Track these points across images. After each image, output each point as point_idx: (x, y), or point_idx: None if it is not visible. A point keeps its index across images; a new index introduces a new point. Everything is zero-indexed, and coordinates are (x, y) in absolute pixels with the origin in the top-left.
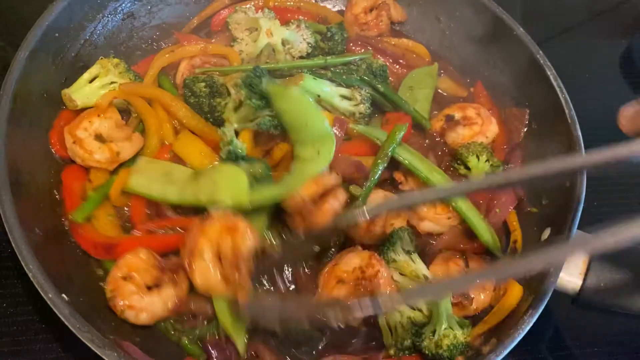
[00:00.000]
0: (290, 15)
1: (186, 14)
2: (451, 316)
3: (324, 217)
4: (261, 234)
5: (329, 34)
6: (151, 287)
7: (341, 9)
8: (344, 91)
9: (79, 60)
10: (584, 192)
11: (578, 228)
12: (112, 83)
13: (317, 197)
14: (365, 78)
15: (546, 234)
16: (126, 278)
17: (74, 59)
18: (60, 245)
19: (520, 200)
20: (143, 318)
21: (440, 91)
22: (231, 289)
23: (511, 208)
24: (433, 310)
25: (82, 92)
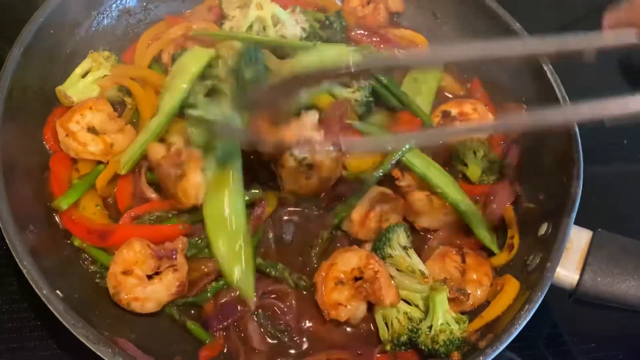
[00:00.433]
0: (289, 4)
1: (182, 11)
2: (447, 311)
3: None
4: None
5: (328, 22)
6: (152, 276)
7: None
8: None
9: (74, 56)
10: (581, 188)
11: (575, 223)
12: (105, 76)
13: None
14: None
15: (543, 229)
16: (125, 272)
17: (69, 56)
18: (54, 242)
19: (517, 196)
20: (149, 307)
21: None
22: None
23: (508, 203)
24: (429, 305)
25: (77, 88)
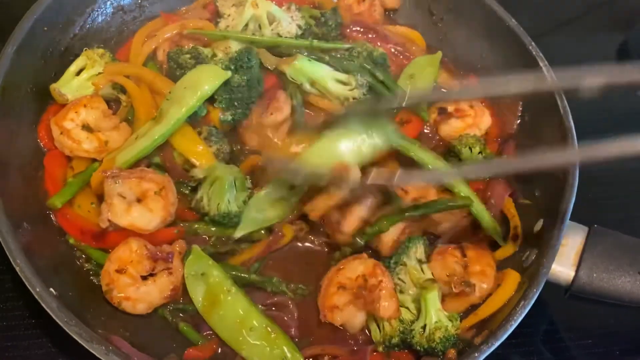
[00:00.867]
0: (285, 1)
1: (177, 8)
2: (439, 309)
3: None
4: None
5: (323, 19)
6: (146, 277)
7: None
8: (341, 76)
9: (69, 54)
10: (577, 184)
11: (571, 219)
12: (100, 74)
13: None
14: (365, 65)
15: (539, 225)
16: (120, 271)
17: (63, 53)
18: (48, 239)
19: (513, 191)
20: (140, 308)
21: (434, 83)
22: None
23: (506, 196)
24: (422, 305)
25: (71, 86)
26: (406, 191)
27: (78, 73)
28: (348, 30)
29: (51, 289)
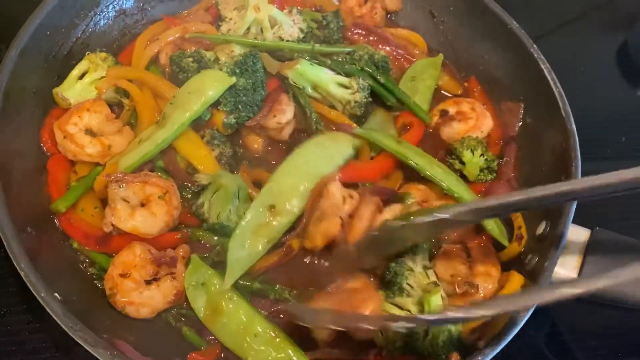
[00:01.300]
0: (286, 4)
1: (179, 11)
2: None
3: (356, 235)
4: None
5: (325, 22)
6: (150, 281)
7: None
8: (342, 79)
9: (71, 58)
10: None
11: (573, 222)
12: (103, 78)
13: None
14: (366, 69)
15: (541, 229)
16: (124, 275)
17: (66, 57)
18: (53, 244)
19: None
20: (144, 312)
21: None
22: None
23: None
24: (425, 308)
25: (74, 90)
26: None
27: (81, 77)
28: (349, 33)
29: (55, 294)
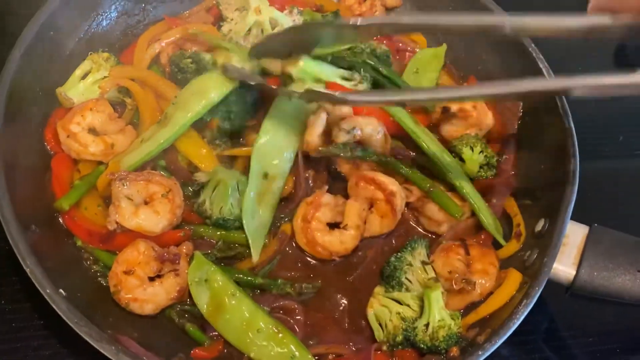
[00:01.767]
0: (287, 5)
1: (180, 11)
2: (442, 308)
3: None
4: None
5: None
6: (153, 278)
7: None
8: (344, 72)
9: (74, 58)
10: (577, 184)
11: (571, 218)
12: (105, 77)
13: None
14: (368, 61)
15: (540, 225)
16: (127, 272)
17: (69, 57)
18: (57, 241)
19: (514, 191)
20: (148, 309)
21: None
22: None
23: (507, 195)
24: (425, 303)
25: (77, 90)
26: (411, 190)
27: (84, 77)
28: None
29: (60, 290)
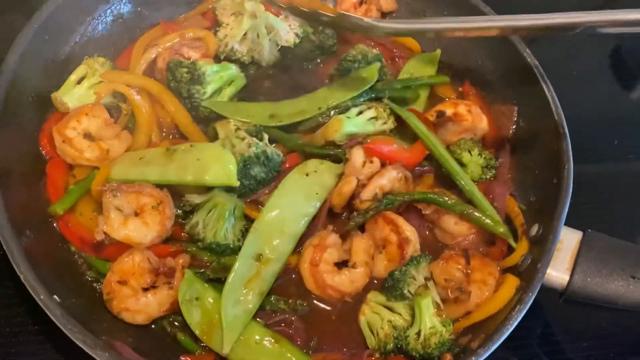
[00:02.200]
0: (282, 9)
1: (176, 16)
2: (433, 315)
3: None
4: None
5: (320, 27)
6: (148, 288)
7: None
8: (370, 113)
9: (70, 62)
10: (571, 189)
11: (565, 224)
12: (101, 82)
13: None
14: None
15: (534, 231)
16: (121, 282)
17: (65, 62)
18: (52, 246)
19: (511, 192)
20: (139, 319)
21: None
22: None
23: (507, 196)
24: (415, 311)
25: (72, 94)
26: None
27: (79, 82)
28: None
29: (55, 296)
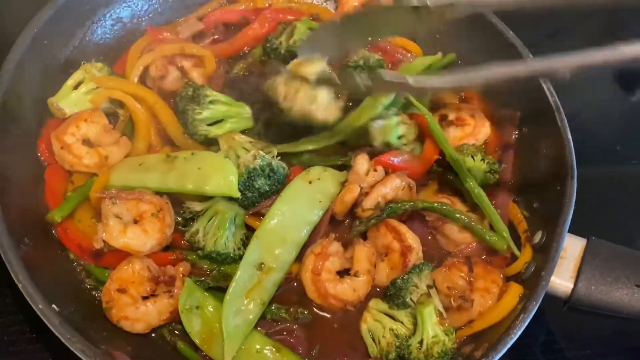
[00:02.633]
0: (282, 15)
1: (175, 20)
2: (436, 323)
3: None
4: None
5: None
6: (147, 297)
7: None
8: (396, 119)
9: (68, 67)
10: (575, 196)
11: (569, 231)
12: (98, 88)
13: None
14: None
15: (537, 238)
16: (121, 290)
17: (63, 66)
18: (50, 255)
19: (513, 199)
20: (138, 328)
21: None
22: None
23: (510, 203)
24: (418, 320)
25: (69, 100)
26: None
27: (76, 87)
28: None
29: (53, 305)
